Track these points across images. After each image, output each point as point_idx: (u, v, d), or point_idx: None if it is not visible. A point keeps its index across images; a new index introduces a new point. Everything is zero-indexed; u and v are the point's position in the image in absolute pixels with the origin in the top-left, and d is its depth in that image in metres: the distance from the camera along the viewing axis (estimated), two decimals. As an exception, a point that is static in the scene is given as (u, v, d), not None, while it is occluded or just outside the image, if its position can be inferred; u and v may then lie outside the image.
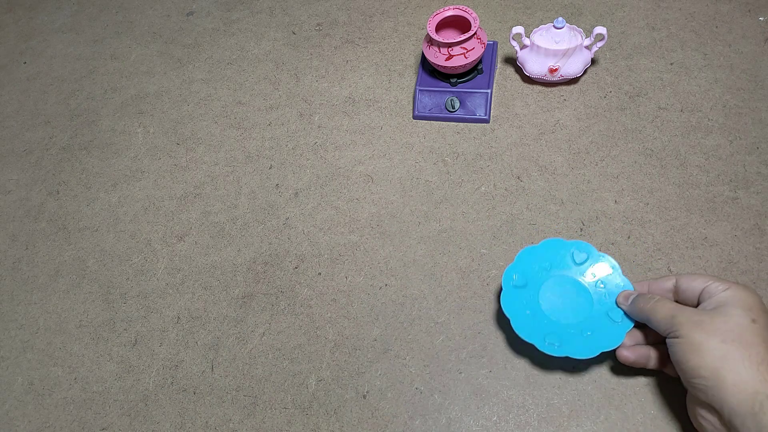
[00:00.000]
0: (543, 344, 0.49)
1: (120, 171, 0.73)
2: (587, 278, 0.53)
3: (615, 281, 0.52)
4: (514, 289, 0.53)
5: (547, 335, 0.50)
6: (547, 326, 0.51)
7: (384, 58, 0.78)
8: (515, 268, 0.54)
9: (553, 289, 0.53)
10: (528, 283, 0.53)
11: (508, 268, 0.54)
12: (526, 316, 0.51)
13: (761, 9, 0.73)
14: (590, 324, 0.50)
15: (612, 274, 0.52)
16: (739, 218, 0.58)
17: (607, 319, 0.50)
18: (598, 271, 0.53)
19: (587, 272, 0.53)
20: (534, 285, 0.53)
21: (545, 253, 0.54)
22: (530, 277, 0.54)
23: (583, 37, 0.66)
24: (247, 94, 0.78)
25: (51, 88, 0.85)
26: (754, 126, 0.63)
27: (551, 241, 0.54)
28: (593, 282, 0.52)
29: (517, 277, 0.53)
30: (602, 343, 0.48)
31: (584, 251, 0.53)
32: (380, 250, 0.61)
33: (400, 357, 0.55)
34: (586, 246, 0.54)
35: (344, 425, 0.52)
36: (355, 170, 0.68)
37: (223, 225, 0.66)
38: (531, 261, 0.54)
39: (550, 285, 0.53)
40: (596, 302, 0.51)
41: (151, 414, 0.55)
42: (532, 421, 0.50)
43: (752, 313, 0.42)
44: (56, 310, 0.63)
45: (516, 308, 0.51)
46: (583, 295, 0.52)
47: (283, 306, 0.59)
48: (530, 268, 0.54)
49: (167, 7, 0.92)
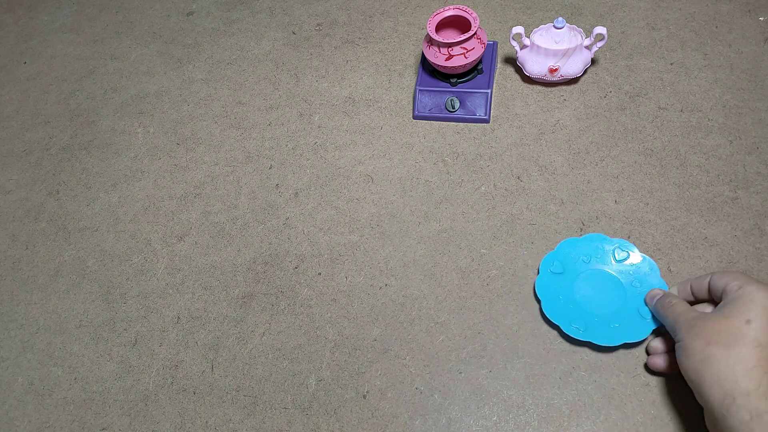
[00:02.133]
0: (569, 327, 0.51)
1: (120, 171, 0.73)
2: (624, 276, 0.54)
3: (651, 282, 0.53)
4: (551, 274, 0.55)
5: (573, 320, 0.52)
6: (575, 313, 0.53)
7: (384, 58, 0.78)
8: (556, 255, 0.56)
9: (589, 281, 0.55)
10: (565, 272, 0.55)
11: (548, 254, 0.56)
12: (557, 300, 0.53)
13: (761, 9, 0.73)
14: (619, 317, 0.52)
15: (650, 275, 0.54)
16: (739, 218, 0.58)
17: (637, 315, 0.51)
18: (636, 270, 0.54)
19: (625, 270, 0.55)
20: (571, 274, 0.55)
21: (587, 247, 0.56)
22: (568, 267, 0.56)
23: (583, 37, 0.66)
24: (247, 94, 0.78)
25: (51, 88, 0.85)
26: (754, 126, 0.63)
27: (594, 236, 0.57)
28: (629, 280, 0.54)
29: (556, 264, 0.56)
30: (627, 334, 0.50)
31: (626, 250, 0.55)
32: (380, 250, 0.61)
33: (400, 357, 0.55)
34: (629, 245, 0.55)
35: (344, 425, 0.52)
36: (355, 170, 0.68)
37: (223, 225, 0.66)
38: (572, 251, 0.56)
39: (586, 276, 0.55)
40: (629, 298, 0.53)
41: (151, 414, 0.55)
42: (532, 421, 0.50)
43: (751, 313, 0.41)
44: (56, 310, 0.63)
45: (549, 292, 0.54)
46: (617, 290, 0.54)
47: (283, 306, 0.59)
48: (570, 258, 0.56)
49: (167, 7, 0.92)
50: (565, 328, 0.51)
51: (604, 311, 0.53)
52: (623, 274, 0.54)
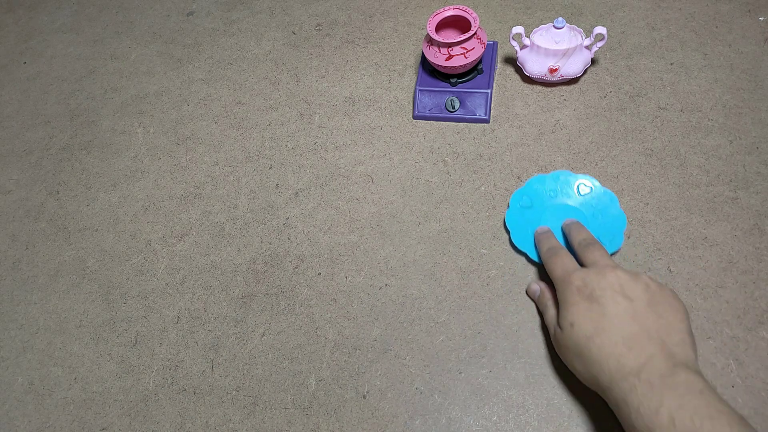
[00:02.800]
0: (535, 255, 0.57)
1: (120, 171, 0.73)
2: (587, 208, 0.60)
3: (612, 211, 0.58)
4: (520, 208, 0.60)
5: None
6: None
7: (384, 58, 0.78)
8: (525, 191, 0.61)
9: (555, 213, 0.60)
10: (533, 206, 0.60)
11: (518, 190, 0.61)
12: (526, 232, 0.59)
13: (761, 9, 0.73)
14: None
15: (610, 205, 0.59)
16: (739, 218, 0.58)
17: None
18: (598, 202, 0.59)
19: (588, 202, 0.60)
20: (538, 208, 0.60)
21: (553, 183, 0.61)
22: (536, 201, 0.61)
23: (583, 37, 0.66)
24: (247, 94, 0.78)
25: (51, 88, 0.85)
26: (754, 126, 0.63)
27: (560, 172, 0.61)
28: (591, 212, 0.59)
29: (525, 199, 0.61)
30: None
31: (589, 185, 0.60)
32: (380, 250, 0.61)
33: (400, 357, 0.55)
34: (592, 180, 0.60)
35: (344, 425, 0.52)
36: (355, 170, 0.68)
37: (223, 225, 0.66)
38: (540, 187, 0.61)
39: (552, 209, 0.60)
40: (589, 228, 0.58)
41: (151, 414, 0.55)
42: (532, 421, 0.50)
43: None
44: (56, 310, 0.63)
45: (518, 225, 0.59)
46: (580, 221, 0.59)
47: (283, 306, 0.59)
48: (538, 193, 0.61)
49: (167, 7, 0.92)
50: (531, 255, 0.57)
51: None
52: (586, 206, 0.59)
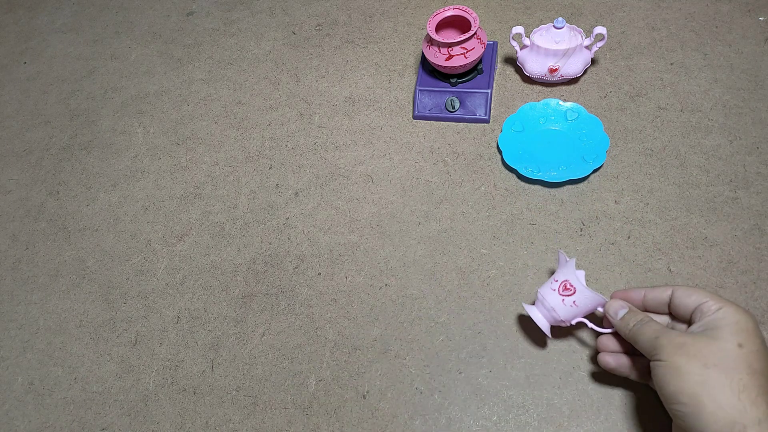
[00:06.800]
0: (524, 170, 0.62)
1: (120, 171, 0.73)
2: (573, 131, 0.65)
3: (596, 135, 0.63)
4: (513, 132, 0.65)
5: (528, 165, 0.63)
6: (530, 160, 0.63)
7: (384, 58, 0.78)
8: (517, 116, 0.66)
9: (544, 136, 0.65)
10: (525, 130, 0.66)
11: (510, 116, 0.66)
12: (517, 152, 0.64)
13: (761, 9, 0.73)
14: (566, 162, 0.63)
15: (594, 129, 0.64)
16: (739, 218, 0.58)
17: (581, 160, 0.62)
18: (584, 127, 0.65)
19: (575, 127, 0.65)
20: (529, 132, 0.66)
21: (544, 110, 0.66)
22: (527, 126, 0.66)
23: (583, 37, 0.66)
24: (247, 94, 0.78)
25: (51, 88, 0.85)
26: (754, 126, 0.63)
27: (550, 100, 0.66)
28: (578, 135, 0.64)
29: (517, 124, 0.66)
30: (571, 173, 0.61)
31: (576, 111, 0.66)
32: (380, 250, 0.61)
33: (400, 357, 0.55)
34: (579, 108, 0.65)
35: (344, 425, 0.52)
36: (355, 170, 0.68)
37: (223, 225, 0.66)
38: (531, 113, 0.66)
39: (541, 133, 0.66)
40: (575, 148, 0.64)
41: (151, 414, 0.55)
42: (532, 421, 0.50)
43: (740, 337, 0.40)
44: (56, 310, 0.63)
45: (510, 146, 0.64)
46: (567, 143, 0.65)
47: (283, 306, 0.59)
48: (529, 118, 0.66)
49: (167, 7, 0.92)
50: (521, 170, 0.62)
51: (554, 158, 0.63)
52: (573, 130, 0.65)
